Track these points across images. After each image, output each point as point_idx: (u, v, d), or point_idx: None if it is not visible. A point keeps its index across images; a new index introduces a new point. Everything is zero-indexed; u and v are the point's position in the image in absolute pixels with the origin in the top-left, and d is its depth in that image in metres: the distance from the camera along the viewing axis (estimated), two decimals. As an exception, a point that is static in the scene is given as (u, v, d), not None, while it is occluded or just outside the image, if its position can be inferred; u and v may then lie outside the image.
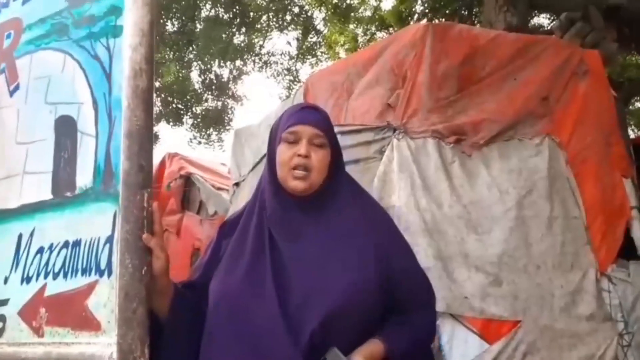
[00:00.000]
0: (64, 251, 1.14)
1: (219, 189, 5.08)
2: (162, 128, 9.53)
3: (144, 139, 1.07)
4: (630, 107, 8.42)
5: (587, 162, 2.40)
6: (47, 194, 1.22)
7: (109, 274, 1.05)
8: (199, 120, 8.91)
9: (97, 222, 1.10)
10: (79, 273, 1.10)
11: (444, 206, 2.18)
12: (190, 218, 5.16)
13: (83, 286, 1.09)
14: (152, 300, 1.06)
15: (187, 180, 5.51)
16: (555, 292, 2.15)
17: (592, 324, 2.15)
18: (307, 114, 1.20)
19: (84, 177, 1.16)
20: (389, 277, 1.15)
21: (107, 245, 1.07)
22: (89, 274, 1.08)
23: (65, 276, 1.12)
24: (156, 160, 5.44)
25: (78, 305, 1.07)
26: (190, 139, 8.96)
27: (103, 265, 1.07)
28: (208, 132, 9.05)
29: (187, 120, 8.94)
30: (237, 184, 3.69)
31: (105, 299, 1.04)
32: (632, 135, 7.53)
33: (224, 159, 6.67)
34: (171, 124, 8.87)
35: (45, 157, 1.25)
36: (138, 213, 1.03)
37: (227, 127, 9.04)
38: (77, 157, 1.19)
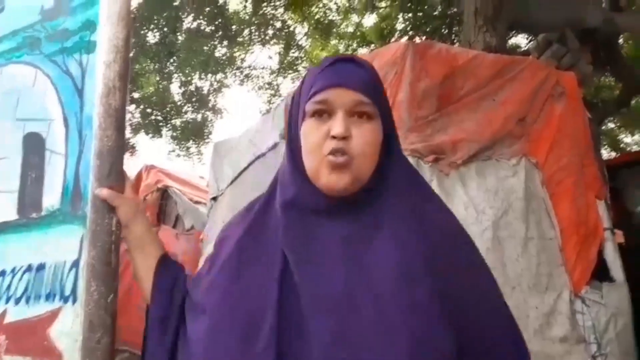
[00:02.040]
0: (26, 275, 1.09)
1: (197, 202, 5.02)
2: (140, 139, 9.43)
3: (115, 160, 1.04)
4: (603, 127, 8.64)
5: (562, 183, 2.43)
6: (12, 214, 1.17)
7: (74, 301, 1.01)
8: (178, 132, 8.84)
9: (64, 245, 1.06)
10: (42, 299, 1.05)
11: (422, 226, 2.17)
12: (166, 232, 5.07)
13: (46, 313, 1.04)
14: (136, 259, 1.00)
15: (164, 193, 5.43)
16: (530, 313, 2.15)
17: (566, 345, 2.16)
18: (342, 70, 0.76)
19: (51, 198, 1.12)
20: (458, 329, 0.71)
21: (73, 270, 1.03)
22: (53, 300, 1.03)
23: (27, 302, 1.07)
24: (133, 173, 5.36)
25: (40, 333, 1.02)
26: (170, 151, 8.89)
27: (68, 291, 1.02)
28: (187, 145, 8.98)
29: (166, 132, 8.87)
30: (214, 198, 3.64)
31: (68, 328, 1.00)
32: (605, 156, 7.72)
33: (203, 172, 6.61)
34: (150, 135, 8.78)
35: (11, 176, 1.20)
36: (106, 238, 0.98)
37: (207, 140, 9.00)
38: (45, 177, 1.14)
